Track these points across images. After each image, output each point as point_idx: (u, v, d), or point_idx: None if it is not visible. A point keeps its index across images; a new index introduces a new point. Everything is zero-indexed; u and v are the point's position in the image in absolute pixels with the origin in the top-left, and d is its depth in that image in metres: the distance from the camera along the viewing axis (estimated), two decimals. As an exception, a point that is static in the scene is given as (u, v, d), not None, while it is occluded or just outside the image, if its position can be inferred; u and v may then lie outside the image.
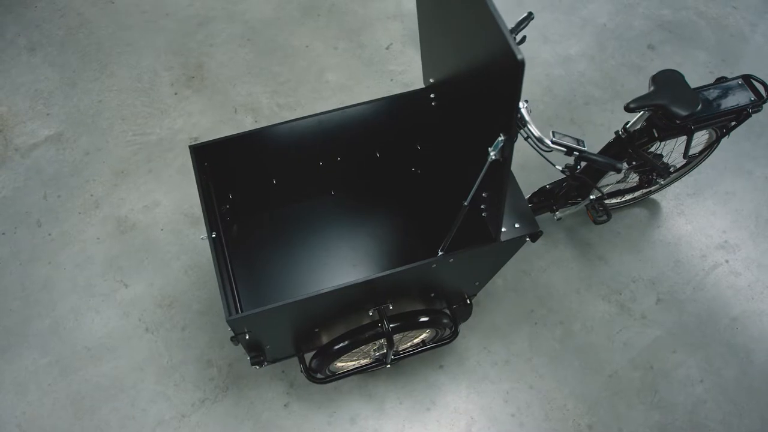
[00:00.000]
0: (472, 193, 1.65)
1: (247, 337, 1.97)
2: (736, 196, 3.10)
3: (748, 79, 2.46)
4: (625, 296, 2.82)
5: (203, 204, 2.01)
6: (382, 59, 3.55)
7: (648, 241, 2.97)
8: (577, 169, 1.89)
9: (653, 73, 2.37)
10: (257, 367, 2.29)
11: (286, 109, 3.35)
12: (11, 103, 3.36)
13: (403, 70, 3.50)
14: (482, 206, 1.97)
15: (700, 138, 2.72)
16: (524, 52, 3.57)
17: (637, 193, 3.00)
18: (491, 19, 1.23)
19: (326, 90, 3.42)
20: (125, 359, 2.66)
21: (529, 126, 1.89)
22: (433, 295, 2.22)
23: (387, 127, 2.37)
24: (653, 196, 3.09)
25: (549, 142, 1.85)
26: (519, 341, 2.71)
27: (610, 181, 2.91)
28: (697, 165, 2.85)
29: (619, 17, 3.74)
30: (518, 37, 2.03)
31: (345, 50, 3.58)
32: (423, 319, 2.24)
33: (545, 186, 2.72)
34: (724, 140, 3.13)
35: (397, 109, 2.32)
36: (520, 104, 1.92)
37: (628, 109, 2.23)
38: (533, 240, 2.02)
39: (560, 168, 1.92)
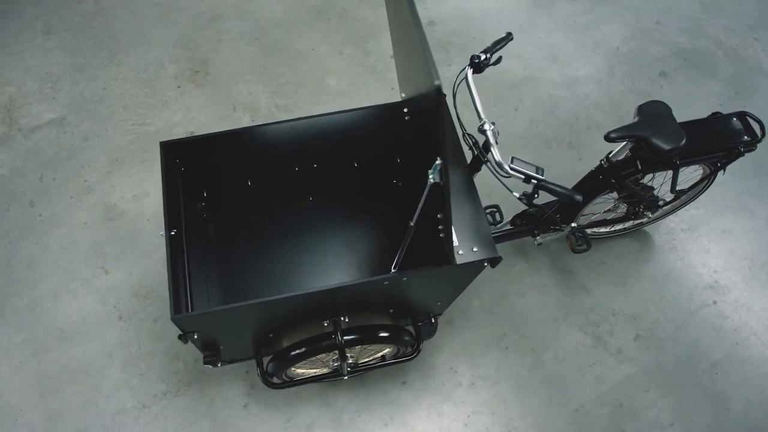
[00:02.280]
0: (417, 213, 1.63)
1: (196, 336, 1.98)
2: (733, 236, 2.98)
3: (743, 116, 2.36)
4: (602, 329, 2.75)
5: (165, 200, 2.03)
6: (385, 67, 3.53)
7: (634, 275, 2.88)
8: (534, 197, 1.84)
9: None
10: (210, 366, 2.30)
11: (284, 111, 3.37)
12: (21, 84, 3.45)
13: (394, 78, 3.47)
14: (439, 227, 1.94)
15: (693, 173, 2.63)
16: (530, 70, 3.51)
17: (627, 224, 2.91)
18: (418, 41, 1.21)
19: (326, 94, 3.42)
20: (96, 344, 2.70)
21: (492, 149, 1.85)
22: (392, 311, 2.20)
23: (365, 137, 2.36)
24: (646, 229, 3.00)
25: (507, 168, 1.80)
26: (487, 365, 2.66)
27: (597, 209, 2.83)
28: (692, 200, 2.75)
29: (634, 42, 3.64)
30: (493, 58, 1.99)
31: (350, 56, 3.58)
32: (382, 334, 2.21)
33: (528, 209, 2.67)
34: (728, 176, 3.04)
35: (374, 120, 2.30)
36: (486, 126, 1.88)
37: (609, 138, 2.17)
38: (492, 266, 1.98)
39: (517, 195, 1.87)
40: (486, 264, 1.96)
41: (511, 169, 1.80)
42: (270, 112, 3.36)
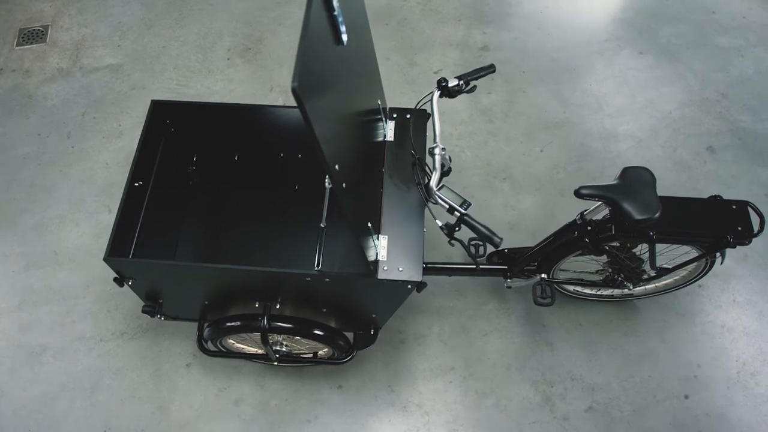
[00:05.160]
0: (324, 215, 1.64)
1: (130, 283, 2.10)
2: (732, 334, 2.75)
3: (745, 206, 2.19)
4: (556, 390, 2.62)
5: (137, 152, 2.16)
6: (425, 81, 3.54)
7: (608, 345, 2.72)
8: (455, 230, 1.79)
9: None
10: (149, 317, 2.42)
11: (316, 102, 3.45)
12: (95, 27, 3.77)
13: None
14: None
15: (687, 254, 2.45)
16: (569, 114, 3.40)
17: (615, 292, 2.76)
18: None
19: (359, 95, 3.48)
20: (79, 273, 2.91)
21: (433, 174, 1.83)
22: (324, 310, 2.22)
23: None
24: (636, 302, 2.83)
25: (435, 195, 1.78)
26: (425, 393, 2.61)
27: (584, 267, 2.71)
28: (689, 283, 2.57)
29: (690, 109, 3.43)
30: (469, 85, 1.96)
31: (395, 63, 3.62)
32: (316, 332, 2.24)
33: (504, 249, 2.60)
34: (745, 270, 2.83)
35: None
36: (437, 150, 1.86)
37: (578, 194, 2.08)
38: (418, 290, 1.96)
39: (440, 224, 1.83)
40: (410, 286, 1.95)
41: (438, 196, 1.77)
42: (302, 100, 3.46)
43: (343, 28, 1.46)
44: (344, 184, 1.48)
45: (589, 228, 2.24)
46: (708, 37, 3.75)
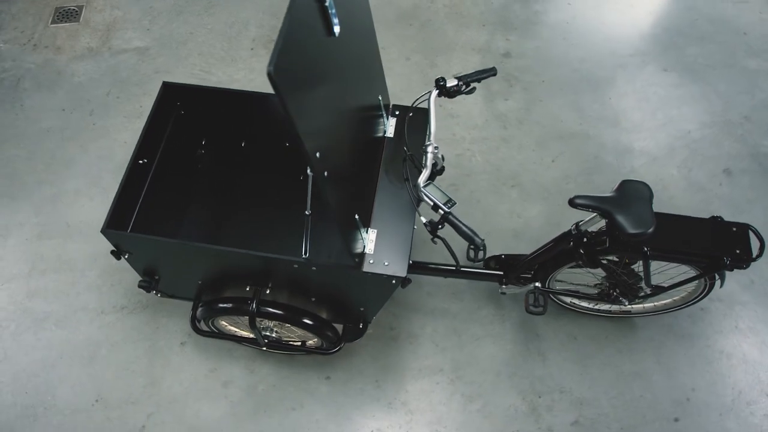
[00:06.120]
0: (309, 202, 1.67)
1: (127, 256, 2.16)
2: (730, 361, 2.69)
3: (745, 229, 2.14)
4: (543, 401, 2.60)
5: (144, 131, 2.22)
6: (443, 84, 3.54)
7: (601, 361, 2.69)
8: (438, 228, 1.80)
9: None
10: (145, 292, 2.48)
11: (333, 96, 3.49)
12: (127, 11, 3.88)
13: (456, 100, 3.47)
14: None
15: (685, 273, 2.41)
16: (585, 126, 3.37)
17: (613, 307, 2.73)
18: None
19: (376, 92, 3.51)
20: (88, 246, 2.99)
21: (423, 171, 1.84)
22: (313, 299, 2.25)
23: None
24: (636, 319, 2.79)
25: (421, 191, 1.78)
26: (412, 391, 2.62)
27: (582, 280, 2.68)
28: (688, 304, 2.53)
29: (710, 130, 3.37)
30: (469, 86, 1.96)
31: (415, 64, 3.64)
32: (305, 321, 2.27)
33: (501, 255, 2.59)
34: (750, 297, 2.78)
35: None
36: (429, 149, 1.87)
37: (572, 203, 2.07)
38: (403, 286, 1.98)
39: (425, 221, 1.84)
40: (394, 281, 1.96)
41: (423, 193, 1.78)
42: (319, 94, 3.50)
43: (335, 20, 1.49)
44: (326, 173, 1.50)
45: (584, 239, 2.23)
46: (736, 58, 3.68)
